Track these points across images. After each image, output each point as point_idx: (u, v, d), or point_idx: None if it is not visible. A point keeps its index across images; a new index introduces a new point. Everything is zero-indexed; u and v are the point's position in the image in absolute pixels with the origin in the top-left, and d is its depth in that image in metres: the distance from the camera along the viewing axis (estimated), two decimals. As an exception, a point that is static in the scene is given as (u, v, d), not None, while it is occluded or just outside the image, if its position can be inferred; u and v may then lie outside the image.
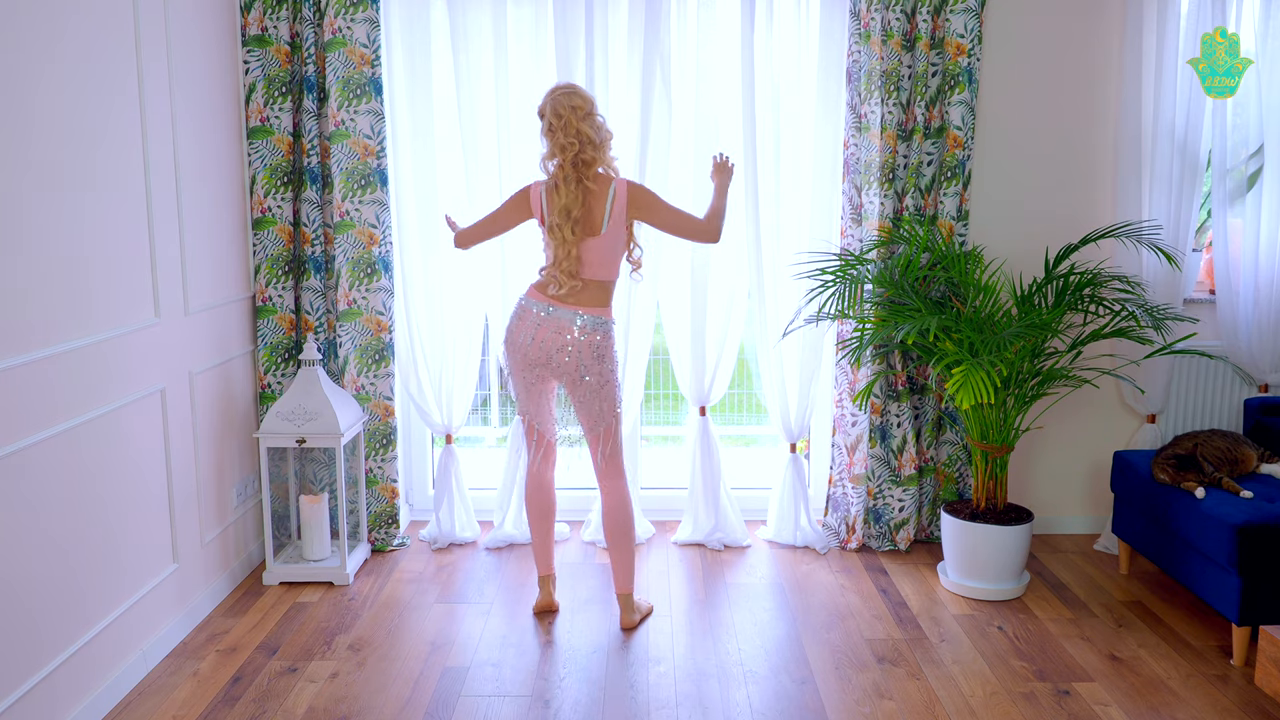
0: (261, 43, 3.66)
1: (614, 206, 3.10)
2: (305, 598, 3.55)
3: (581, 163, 3.08)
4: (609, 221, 3.10)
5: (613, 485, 3.29)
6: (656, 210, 3.16)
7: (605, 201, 3.10)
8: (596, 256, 3.13)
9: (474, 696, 2.90)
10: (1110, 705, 2.87)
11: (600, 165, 3.11)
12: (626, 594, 3.35)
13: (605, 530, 3.32)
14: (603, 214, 3.10)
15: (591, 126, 3.07)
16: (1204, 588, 3.22)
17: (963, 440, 3.97)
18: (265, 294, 3.79)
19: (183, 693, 2.91)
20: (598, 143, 3.08)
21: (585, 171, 3.09)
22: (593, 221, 3.10)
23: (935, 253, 3.73)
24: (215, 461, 3.51)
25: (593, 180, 3.09)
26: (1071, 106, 3.95)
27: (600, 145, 3.09)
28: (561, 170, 3.08)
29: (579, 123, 3.05)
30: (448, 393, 4.00)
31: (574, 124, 3.05)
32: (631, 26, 3.77)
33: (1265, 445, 3.62)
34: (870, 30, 3.69)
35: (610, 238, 3.12)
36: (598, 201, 3.10)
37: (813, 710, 2.84)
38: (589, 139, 3.06)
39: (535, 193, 3.16)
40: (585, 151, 3.07)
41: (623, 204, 3.11)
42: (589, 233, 3.11)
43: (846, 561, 3.92)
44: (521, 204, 3.21)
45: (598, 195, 3.11)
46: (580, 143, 3.06)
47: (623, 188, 3.12)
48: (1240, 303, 3.95)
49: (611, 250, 3.15)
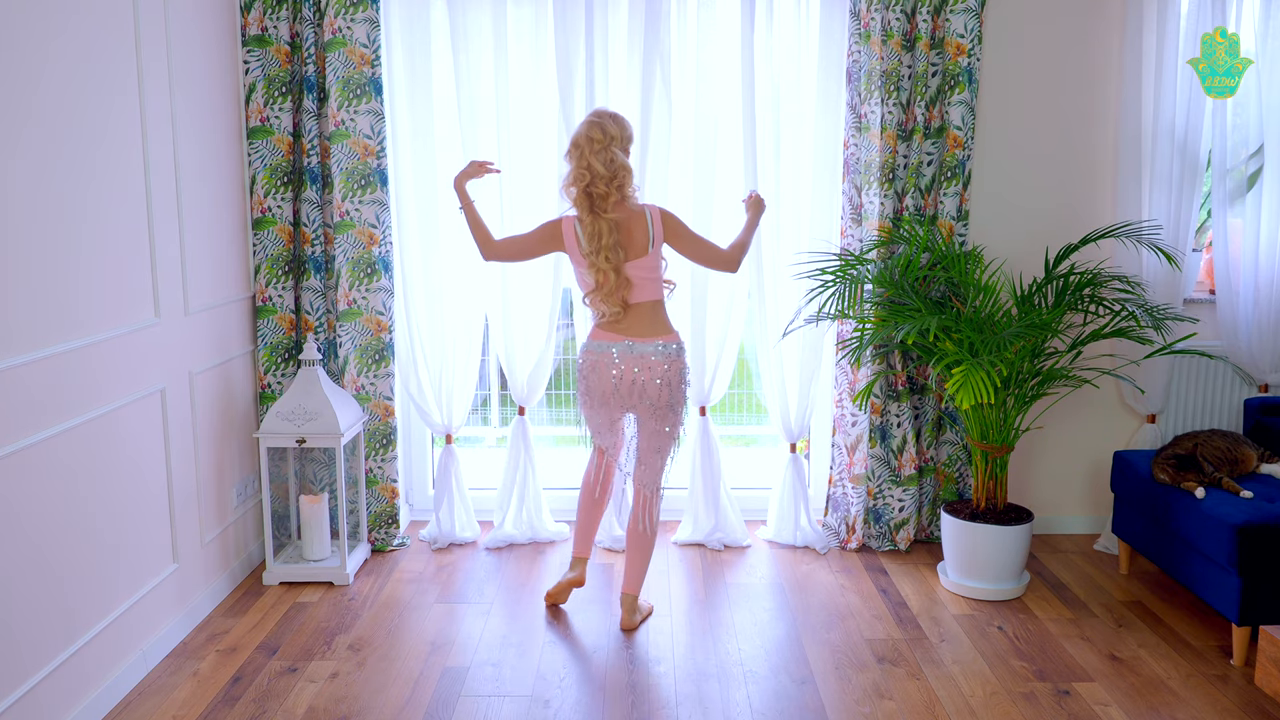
0: (261, 43, 3.66)
1: (654, 229, 3.14)
2: (305, 598, 3.55)
3: (594, 195, 3.09)
4: (653, 243, 3.14)
5: (646, 504, 3.31)
6: (684, 237, 3.21)
7: (646, 225, 3.13)
8: (643, 277, 3.15)
9: (474, 696, 2.90)
10: (1110, 705, 2.87)
11: (614, 200, 3.10)
12: (633, 596, 3.35)
13: (629, 530, 3.34)
14: (646, 236, 3.13)
15: (603, 161, 3.06)
16: (1204, 588, 3.22)
17: (963, 440, 3.97)
18: (265, 294, 3.79)
19: (183, 693, 2.91)
20: (607, 177, 3.07)
21: (600, 204, 3.09)
22: (637, 244, 3.13)
23: (935, 253, 3.73)
24: (215, 461, 3.51)
25: (611, 212, 3.10)
26: (1071, 106, 3.95)
27: (611, 180, 3.08)
28: (575, 201, 3.12)
29: (591, 156, 3.07)
30: (448, 393, 4.00)
31: (586, 156, 3.07)
32: (631, 26, 3.77)
33: (1265, 445, 3.62)
34: (870, 30, 3.69)
35: (655, 257, 3.16)
36: (638, 226, 3.13)
37: (813, 710, 2.84)
38: (599, 174, 3.06)
39: (569, 227, 3.16)
40: (595, 185, 3.07)
41: (660, 227, 3.16)
42: (635, 254, 3.13)
43: (846, 561, 3.92)
44: (553, 236, 3.21)
45: (635, 221, 3.13)
46: (591, 176, 3.07)
47: (656, 212, 3.17)
48: (1240, 303, 3.95)
49: (656, 270, 3.18)
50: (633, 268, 3.13)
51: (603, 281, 3.11)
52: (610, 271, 3.10)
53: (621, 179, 3.10)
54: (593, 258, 3.10)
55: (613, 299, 3.13)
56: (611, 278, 3.10)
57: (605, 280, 3.11)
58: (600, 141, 3.07)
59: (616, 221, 3.10)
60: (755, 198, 3.41)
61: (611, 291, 3.12)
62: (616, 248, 3.09)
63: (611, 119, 3.13)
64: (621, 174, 3.10)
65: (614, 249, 3.09)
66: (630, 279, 3.14)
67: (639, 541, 3.33)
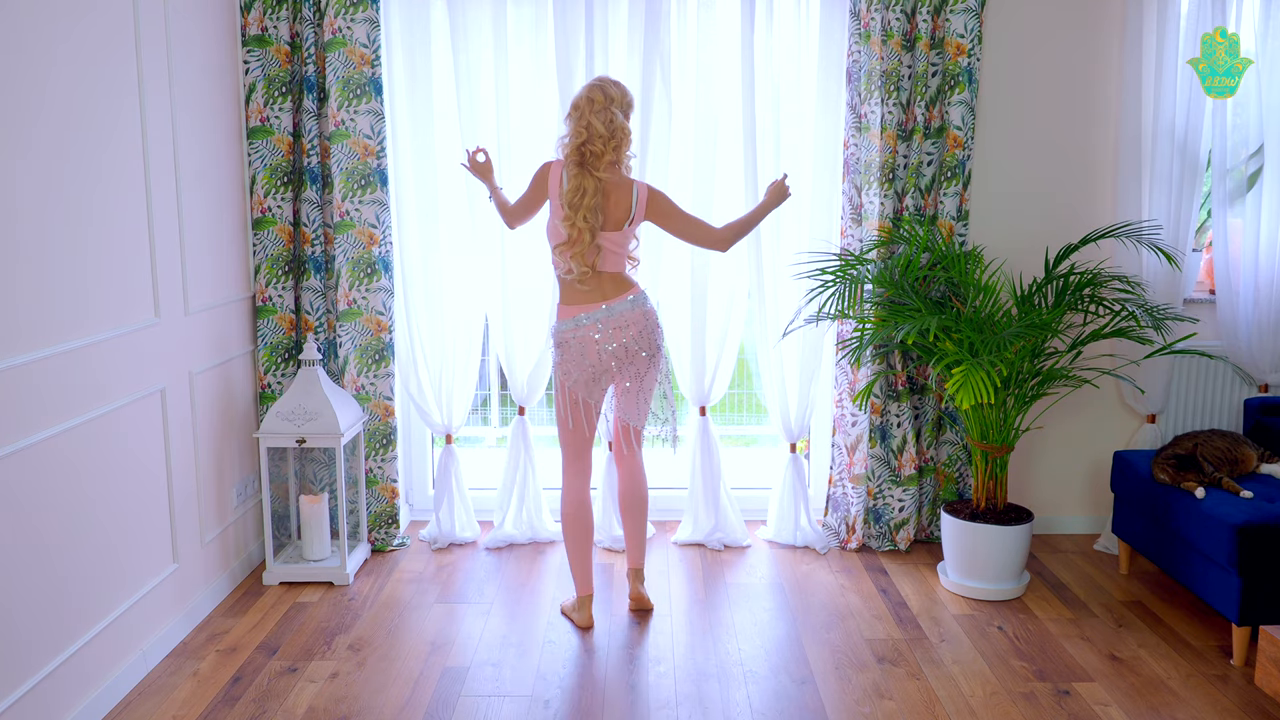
0: (261, 43, 3.66)
1: (637, 207, 3.15)
2: (305, 598, 3.55)
3: (588, 153, 3.09)
4: (631, 220, 3.16)
5: (634, 461, 3.36)
6: (672, 216, 3.22)
7: (630, 200, 3.14)
8: (613, 250, 3.16)
9: (474, 696, 2.90)
10: (1110, 705, 2.87)
11: (608, 160, 3.10)
12: (639, 569, 3.42)
13: (621, 505, 3.39)
14: (627, 211, 3.14)
15: (603, 121, 3.07)
16: (1204, 588, 3.22)
17: (963, 440, 3.97)
18: (265, 294, 3.79)
19: (183, 693, 2.91)
20: (605, 136, 3.08)
21: (593, 163, 3.09)
22: (616, 217, 3.14)
23: (935, 253, 3.73)
24: (215, 461, 3.51)
25: (603, 172, 3.09)
26: (1071, 106, 3.95)
27: (609, 140, 3.08)
28: (567, 156, 3.12)
29: (591, 115, 3.08)
30: (448, 393, 4.00)
31: (586, 115, 3.09)
32: (631, 26, 3.77)
33: (1265, 445, 3.62)
34: (870, 30, 3.69)
35: (627, 236, 3.18)
36: (622, 198, 3.14)
37: (813, 710, 2.84)
38: (597, 132, 3.07)
39: (555, 171, 3.16)
40: (592, 144, 3.08)
41: (643, 207, 3.17)
42: (611, 226, 3.14)
43: (846, 561, 3.92)
44: (540, 181, 3.21)
45: (620, 192, 3.13)
46: (589, 134, 3.08)
47: (644, 190, 3.17)
48: (1240, 303, 3.95)
49: (625, 246, 3.20)
50: (604, 238, 3.13)
51: (575, 239, 3.10)
52: (586, 231, 3.09)
53: (619, 140, 3.11)
54: (570, 214, 3.09)
55: (582, 259, 3.11)
56: (586, 238, 3.09)
57: (579, 239, 3.09)
58: (600, 102, 3.09)
59: (602, 183, 3.10)
60: (779, 185, 3.35)
61: (583, 251, 3.10)
62: (597, 210, 3.09)
63: (613, 83, 3.15)
64: (620, 135, 3.11)
65: (594, 211, 3.09)
66: (600, 246, 3.14)
67: (633, 513, 3.38)
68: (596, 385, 3.23)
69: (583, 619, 3.35)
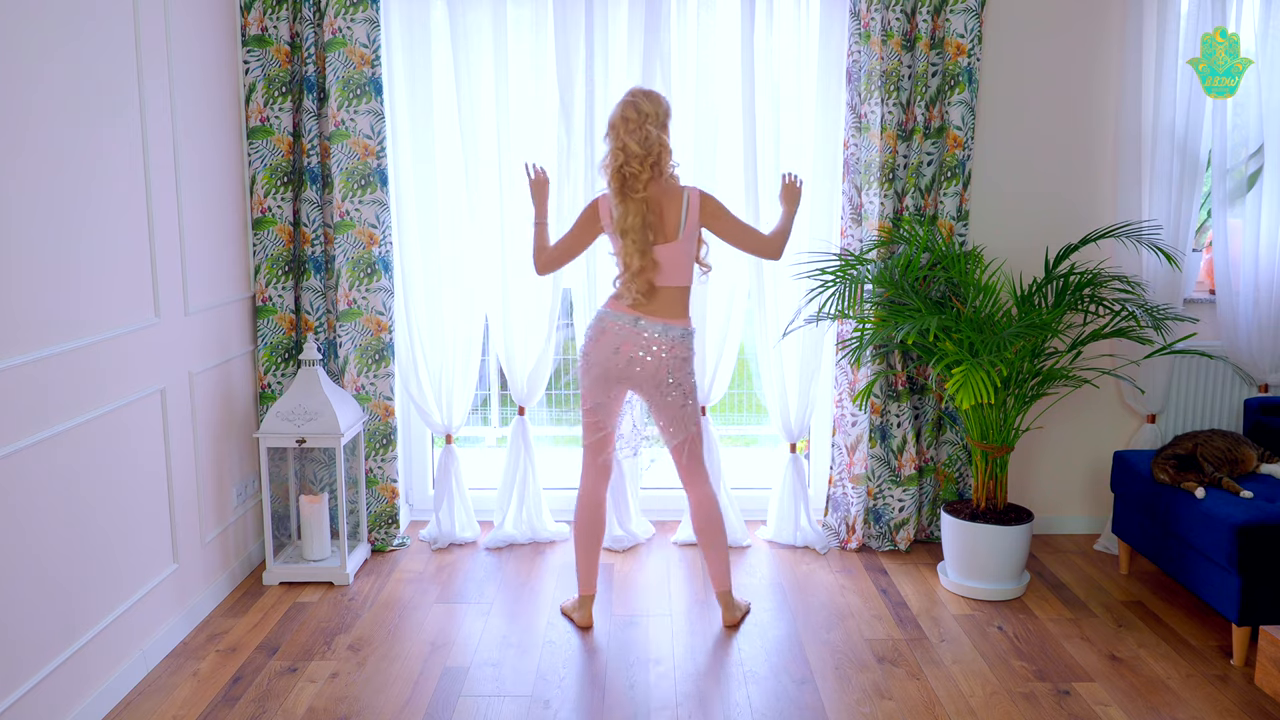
0: (261, 43, 3.66)
1: (689, 214, 3.10)
2: (305, 598, 3.55)
3: (628, 175, 3.05)
4: (684, 229, 3.10)
5: (700, 488, 3.29)
6: (722, 219, 3.16)
7: (680, 209, 3.09)
8: (671, 262, 3.11)
9: (474, 696, 2.90)
10: (1110, 705, 2.87)
11: (646, 178, 3.06)
12: (726, 591, 3.36)
13: (697, 531, 3.32)
14: (678, 221, 3.09)
15: (637, 140, 3.03)
16: (1204, 588, 3.22)
17: (963, 440, 3.97)
18: (265, 294, 3.79)
19: (183, 693, 2.91)
20: (641, 156, 3.04)
21: (632, 184, 3.06)
22: (667, 228, 3.09)
23: (935, 253, 3.73)
24: (215, 461, 3.51)
25: (645, 190, 3.06)
26: (1071, 106, 3.95)
27: (645, 158, 3.04)
28: (609, 181, 3.09)
29: (626, 135, 3.04)
30: (448, 393, 4.00)
31: (621, 136, 3.05)
32: (631, 27, 3.77)
33: (1265, 445, 3.62)
34: (870, 30, 3.69)
35: (686, 243, 3.12)
36: (672, 208, 3.09)
37: (813, 710, 2.84)
38: (633, 153, 3.04)
39: (605, 205, 3.14)
40: (630, 164, 3.04)
41: (696, 212, 3.12)
42: (664, 238, 3.09)
43: (846, 561, 3.92)
44: (590, 219, 3.17)
45: (670, 202, 3.09)
46: (625, 156, 3.05)
47: (695, 196, 3.12)
48: (1240, 303, 3.95)
49: (686, 255, 3.14)
50: (660, 251, 3.09)
51: (629, 264, 3.07)
52: (636, 255, 3.05)
53: (656, 155, 3.06)
54: (621, 239, 3.07)
55: (637, 281, 3.08)
56: (636, 260, 3.06)
57: (630, 263, 3.07)
58: (634, 120, 3.04)
59: (648, 201, 3.07)
60: (791, 186, 3.34)
61: (636, 274, 3.07)
62: (644, 229, 3.05)
63: (645, 96, 3.09)
64: (656, 150, 3.06)
65: (641, 231, 3.05)
66: (658, 262, 3.10)
67: (710, 539, 3.29)
68: (607, 388, 3.18)
69: (582, 618, 3.35)
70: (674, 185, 3.13)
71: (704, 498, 3.29)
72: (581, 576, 3.37)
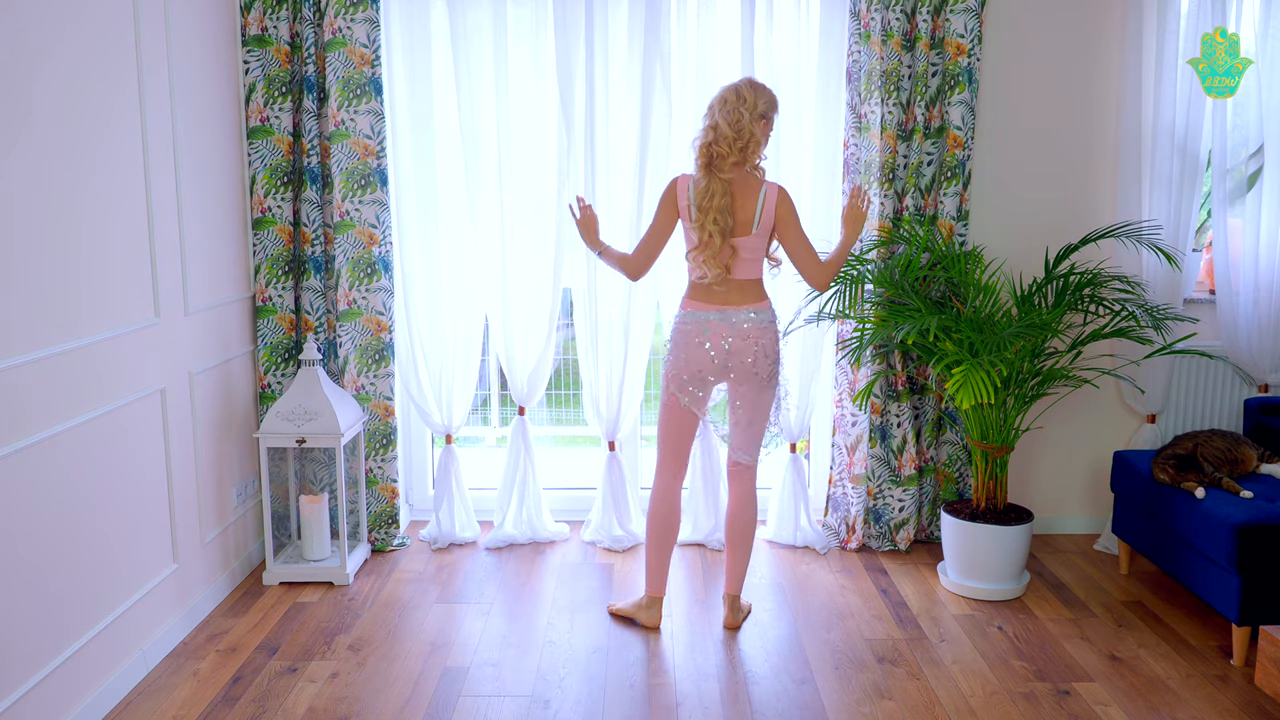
0: (261, 43, 3.66)
1: (764, 210, 3.07)
2: (305, 598, 3.55)
3: (715, 154, 3.04)
4: (759, 223, 3.07)
5: (747, 487, 3.30)
6: (791, 230, 3.10)
7: (756, 203, 3.06)
8: (747, 256, 3.09)
9: (474, 696, 2.90)
10: (1110, 705, 2.87)
11: (732, 162, 3.03)
12: (735, 595, 3.36)
13: (728, 529, 3.31)
14: (753, 215, 3.07)
15: (729, 121, 3.01)
16: (1204, 588, 3.22)
17: (963, 440, 3.97)
18: (265, 294, 3.79)
19: (183, 693, 2.91)
20: (731, 138, 3.01)
21: (719, 164, 3.04)
22: (743, 219, 3.07)
23: (935, 253, 3.73)
24: (215, 461, 3.51)
25: (728, 173, 3.04)
26: (1071, 106, 3.95)
27: (734, 141, 3.01)
28: (697, 158, 3.07)
29: (720, 114, 3.04)
30: (448, 393, 4.00)
31: (717, 114, 3.05)
32: (631, 27, 3.77)
33: (1265, 445, 3.62)
34: (870, 30, 3.69)
35: (758, 239, 3.09)
36: (748, 201, 3.06)
37: (813, 710, 2.84)
38: (723, 133, 3.02)
39: (683, 185, 3.11)
40: (718, 144, 3.03)
41: (772, 209, 3.08)
42: (740, 231, 3.06)
43: (846, 561, 3.92)
44: (669, 200, 3.14)
45: (748, 195, 3.06)
46: (715, 135, 3.03)
47: (774, 192, 3.09)
48: (1240, 303, 3.95)
49: (758, 250, 3.11)
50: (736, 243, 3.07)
51: (705, 243, 3.03)
52: (716, 234, 3.02)
53: (745, 142, 3.02)
54: (700, 218, 3.03)
55: (715, 262, 3.04)
56: (716, 241, 3.02)
57: (709, 242, 3.03)
58: (732, 102, 3.03)
59: (730, 184, 3.05)
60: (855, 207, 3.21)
61: (715, 254, 3.03)
62: (726, 211, 3.02)
63: (750, 85, 3.07)
64: (745, 137, 3.02)
65: (724, 212, 3.02)
66: (734, 249, 3.07)
67: (743, 533, 3.29)
68: (695, 389, 3.15)
69: (650, 618, 3.32)
70: (755, 178, 3.10)
71: (748, 497, 3.30)
72: (651, 578, 3.33)
